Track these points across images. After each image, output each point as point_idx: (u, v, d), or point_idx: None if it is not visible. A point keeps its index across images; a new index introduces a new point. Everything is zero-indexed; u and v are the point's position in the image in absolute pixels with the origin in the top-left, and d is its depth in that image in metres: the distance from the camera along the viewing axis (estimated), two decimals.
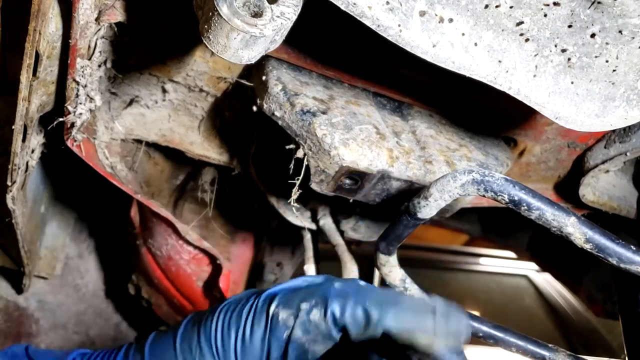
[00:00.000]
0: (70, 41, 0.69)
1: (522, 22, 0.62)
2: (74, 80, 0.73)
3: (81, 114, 0.76)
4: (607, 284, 1.46)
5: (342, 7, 0.57)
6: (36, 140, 0.86)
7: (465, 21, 0.61)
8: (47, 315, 1.38)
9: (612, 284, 1.36)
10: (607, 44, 0.64)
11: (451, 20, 0.61)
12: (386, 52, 0.77)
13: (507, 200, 0.65)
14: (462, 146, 0.85)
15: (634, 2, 0.59)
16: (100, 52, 0.74)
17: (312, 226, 1.00)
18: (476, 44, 0.63)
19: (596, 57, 0.65)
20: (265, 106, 0.75)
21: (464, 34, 0.62)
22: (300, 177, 0.76)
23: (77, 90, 0.74)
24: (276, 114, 0.74)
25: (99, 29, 0.71)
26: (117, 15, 0.69)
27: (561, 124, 0.69)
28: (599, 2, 0.60)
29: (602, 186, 1.05)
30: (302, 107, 0.72)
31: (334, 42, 0.79)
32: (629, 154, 0.92)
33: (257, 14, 0.55)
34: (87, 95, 0.75)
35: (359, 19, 0.58)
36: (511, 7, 0.60)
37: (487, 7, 0.60)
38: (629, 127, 0.91)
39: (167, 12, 0.72)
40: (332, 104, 0.76)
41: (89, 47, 0.72)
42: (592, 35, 0.63)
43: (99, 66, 0.76)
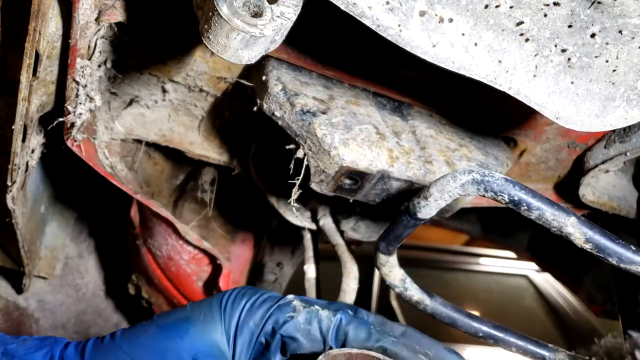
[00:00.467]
0: (70, 41, 0.69)
1: (522, 22, 0.62)
2: (74, 80, 0.73)
3: (81, 114, 0.76)
4: (606, 284, 1.46)
5: (342, 7, 0.57)
6: (36, 140, 0.86)
7: (465, 21, 0.61)
8: (47, 315, 1.38)
9: (612, 284, 1.36)
10: (607, 44, 0.64)
11: (451, 20, 0.61)
12: (386, 52, 0.77)
13: (507, 200, 0.65)
14: (462, 146, 0.85)
15: (634, 2, 0.59)
16: (100, 52, 0.74)
17: (312, 226, 1.00)
18: (476, 44, 0.63)
19: (596, 57, 0.65)
20: (265, 106, 0.75)
21: (464, 34, 0.62)
22: (300, 177, 0.76)
23: (77, 90, 0.74)
24: (276, 114, 0.74)
25: (99, 29, 0.71)
26: (117, 15, 0.69)
27: (561, 124, 0.69)
28: (599, 2, 0.60)
29: (602, 186, 1.05)
30: (302, 107, 0.72)
31: (334, 42, 0.79)
32: (629, 154, 0.92)
33: (257, 14, 0.55)
34: (87, 95, 0.75)
35: (359, 19, 0.58)
36: (511, 7, 0.60)
37: (487, 7, 0.60)
38: (629, 127, 0.91)
39: (167, 12, 0.72)
40: (332, 104, 0.76)
41: (89, 47, 0.72)
42: (592, 35, 0.63)
43: (99, 66, 0.75)
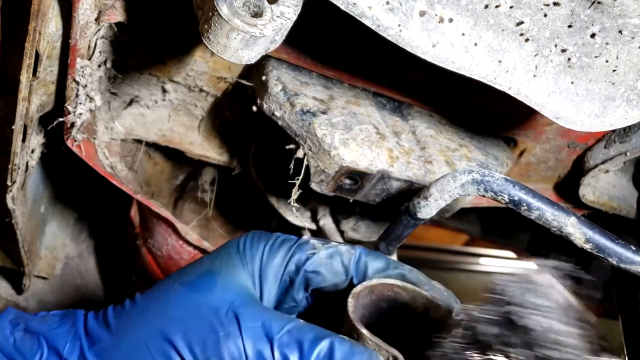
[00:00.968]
0: (70, 41, 0.68)
1: (522, 22, 0.62)
2: (74, 80, 0.73)
3: (81, 114, 0.76)
4: (606, 284, 1.46)
5: (342, 7, 0.57)
6: (36, 140, 0.86)
7: (465, 21, 0.61)
8: None
9: (612, 284, 1.36)
10: (607, 44, 0.64)
11: (451, 20, 0.61)
12: (386, 52, 0.77)
13: (507, 200, 0.65)
14: (462, 146, 0.85)
15: (633, 2, 0.60)
16: (100, 52, 0.74)
17: (312, 226, 1.00)
18: (476, 44, 0.63)
19: (596, 57, 0.65)
20: (265, 106, 0.75)
21: (464, 34, 0.62)
22: (300, 177, 0.76)
23: (77, 90, 0.74)
24: (276, 114, 0.74)
25: (99, 29, 0.71)
26: (117, 15, 0.69)
27: (561, 124, 0.69)
28: (599, 2, 0.60)
29: (602, 186, 1.05)
30: (302, 107, 0.72)
31: (334, 42, 0.79)
32: (629, 154, 0.92)
33: (257, 14, 0.55)
34: (87, 95, 0.75)
35: (359, 19, 0.58)
36: (511, 7, 0.60)
37: (487, 7, 0.60)
38: (629, 127, 0.91)
39: (167, 12, 0.72)
40: (332, 104, 0.76)
41: (89, 47, 0.72)
42: (592, 35, 0.63)
43: (99, 66, 0.75)
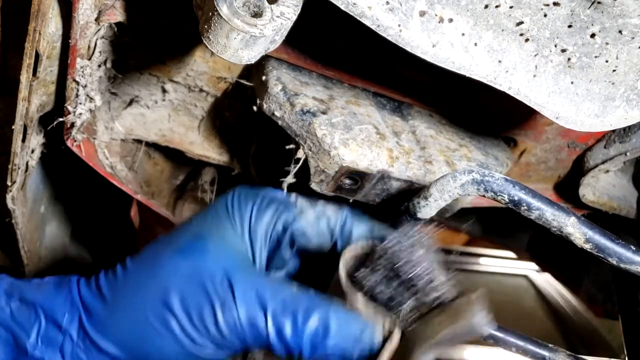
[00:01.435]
0: (70, 41, 0.69)
1: (522, 22, 0.62)
2: (74, 80, 0.73)
3: (81, 114, 0.76)
4: (606, 284, 1.46)
5: (342, 7, 0.57)
6: (36, 140, 0.86)
7: (465, 21, 0.61)
8: None
9: (612, 284, 1.36)
10: (607, 44, 0.64)
11: (451, 20, 0.61)
12: (386, 52, 0.77)
13: (507, 200, 0.65)
14: (462, 146, 0.85)
15: (633, 2, 0.60)
16: (100, 52, 0.74)
17: None
18: (476, 44, 0.63)
19: (596, 57, 0.65)
20: (265, 106, 0.75)
21: (463, 34, 0.62)
22: (292, 172, 0.76)
23: (77, 90, 0.74)
24: (276, 114, 0.74)
25: (99, 29, 0.71)
26: (117, 15, 0.69)
27: (561, 124, 0.69)
28: (599, 2, 0.60)
29: (602, 186, 1.05)
30: (302, 107, 0.72)
31: (334, 42, 0.79)
32: (628, 154, 0.92)
33: (257, 14, 0.55)
34: (87, 95, 0.75)
35: (359, 19, 0.58)
36: (511, 7, 0.60)
37: (487, 7, 0.60)
38: (629, 127, 0.91)
39: (167, 12, 0.72)
40: (332, 104, 0.76)
41: (89, 47, 0.72)
42: (592, 35, 0.63)
43: (99, 66, 0.75)
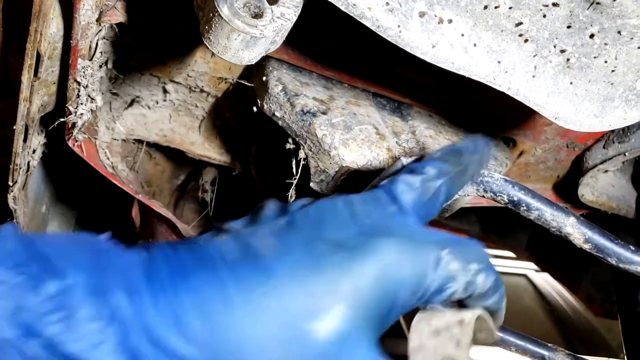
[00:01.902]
0: (71, 42, 0.69)
1: (521, 23, 0.62)
2: (75, 80, 0.73)
3: (82, 114, 0.76)
4: (606, 283, 1.47)
5: (342, 8, 0.57)
6: (37, 140, 0.86)
7: (464, 22, 0.62)
8: None
9: (611, 283, 1.36)
10: (606, 44, 0.64)
11: (450, 21, 0.61)
12: (386, 53, 0.77)
13: (507, 200, 0.65)
14: None
15: (632, 2, 0.60)
16: (101, 52, 0.74)
17: None
18: (475, 45, 0.63)
19: (595, 57, 0.66)
20: (265, 107, 0.75)
21: (463, 35, 0.62)
22: (296, 177, 0.76)
23: (78, 90, 0.74)
24: (276, 114, 0.74)
25: (100, 30, 0.71)
26: (118, 16, 0.69)
27: (560, 124, 0.69)
28: (598, 3, 0.60)
29: (601, 186, 1.05)
30: (302, 107, 0.72)
31: (334, 43, 0.80)
32: (627, 154, 0.92)
33: (257, 15, 0.55)
34: (88, 95, 0.75)
35: (358, 19, 0.58)
36: (510, 8, 0.61)
37: (486, 7, 0.61)
38: (628, 127, 0.91)
39: (167, 13, 0.72)
40: (332, 105, 0.76)
41: (90, 47, 0.72)
42: (591, 35, 0.63)
43: (100, 67, 0.76)
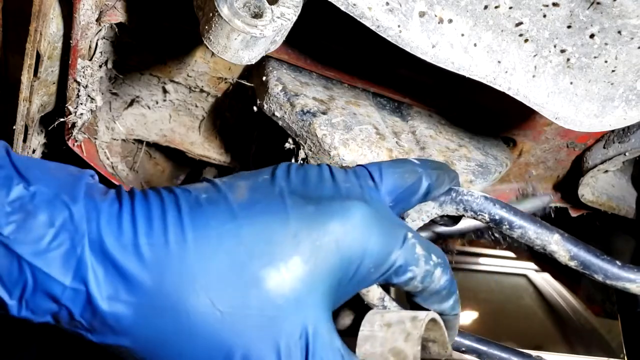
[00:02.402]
0: (71, 42, 0.69)
1: (521, 23, 0.62)
2: (75, 80, 0.73)
3: (82, 114, 0.76)
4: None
5: (342, 8, 0.57)
6: (37, 140, 0.86)
7: (464, 22, 0.62)
8: None
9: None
10: (606, 44, 0.64)
11: (450, 21, 0.61)
12: (386, 53, 0.77)
13: (488, 219, 0.64)
14: (462, 146, 0.85)
15: (632, 2, 0.60)
16: (101, 52, 0.74)
17: None
18: (475, 45, 0.63)
19: (595, 57, 0.66)
20: (265, 106, 0.75)
21: (463, 35, 0.62)
22: None
23: (78, 90, 0.74)
24: (276, 114, 0.74)
25: (100, 30, 0.71)
26: (118, 15, 0.69)
27: (560, 124, 0.69)
28: (598, 3, 0.60)
29: (601, 186, 1.05)
30: (302, 107, 0.72)
31: (334, 43, 0.80)
32: (627, 154, 0.92)
33: (257, 15, 0.55)
34: (88, 95, 0.75)
35: (359, 19, 0.58)
36: (510, 8, 0.61)
37: (486, 7, 0.61)
38: (628, 127, 0.91)
39: (167, 13, 0.72)
40: (332, 105, 0.76)
41: (90, 47, 0.72)
42: (591, 35, 0.63)
43: (100, 67, 0.76)
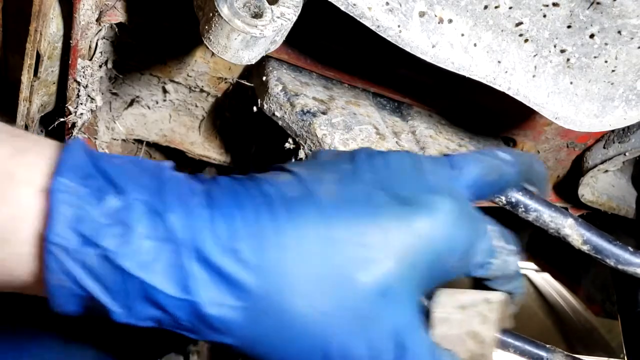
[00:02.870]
0: (71, 42, 0.69)
1: (521, 23, 0.62)
2: (75, 80, 0.73)
3: (82, 114, 0.76)
4: (606, 283, 1.47)
5: (342, 8, 0.57)
6: None
7: (464, 22, 0.62)
8: None
9: (611, 284, 1.36)
10: (606, 44, 0.64)
11: (450, 20, 0.61)
12: (386, 53, 0.77)
13: (504, 202, 0.65)
14: (462, 146, 0.85)
15: (633, 2, 0.60)
16: (101, 52, 0.74)
17: None
18: (475, 45, 0.63)
19: (595, 57, 0.66)
20: (265, 106, 0.75)
21: (463, 35, 0.62)
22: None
23: (78, 90, 0.74)
24: (276, 114, 0.74)
25: (100, 30, 0.71)
26: (118, 15, 0.69)
27: (560, 124, 0.69)
28: (598, 3, 0.60)
29: (601, 186, 1.05)
30: (302, 107, 0.72)
31: (334, 43, 0.80)
32: (628, 154, 0.92)
33: (257, 15, 0.55)
34: (88, 95, 0.75)
35: (358, 19, 0.58)
36: (510, 8, 0.61)
37: (486, 7, 0.61)
38: (628, 127, 0.91)
39: (167, 13, 0.72)
40: (332, 105, 0.76)
41: (90, 47, 0.72)
42: (591, 35, 0.63)
43: (100, 67, 0.76)
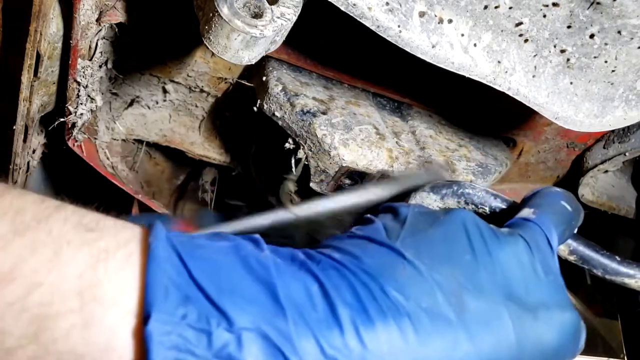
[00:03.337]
0: (71, 42, 0.69)
1: (521, 23, 0.62)
2: (75, 80, 0.73)
3: (82, 114, 0.76)
4: (606, 283, 1.46)
5: (342, 8, 0.57)
6: (37, 140, 0.86)
7: (464, 22, 0.62)
8: None
9: (611, 284, 1.36)
10: (606, 44, 0.64)
11: (450, 21, 0.61)
12: (386, 53, 0.77)
13: (489, 212, 0.64)
14: (462, 146, 0.85)
15: (632, 2, 0.60)
16: (101, 52, 0.74)
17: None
18: (475, 45, 0.63)
19: (595, 57, 0.66)
20: (265, 106, 0.75)
21: (463, 35, 0.62)
22: (297, 171, 0.76)
23: (78, 90, 0.74)
24: (276, 114, 0.74)
25: (100, 30, 0.71)
26: (118, 16, 0.69)
27: (560, 124, 0.69)
28: (598, 3, 0.60)
29: (601, 186, 1.05)
30: (302, 107, 0.72)
31: (334, 43, 0.80)
32: (627, 154, 0.92)
33: (257, 15, 0.55)
34: (88, 95, 0.75)
35: (358, 19, 0.58)
36: (510, 8, 0.61)
37: (486, 7, 0.61)
38: (628, 127, 0.91)
39: (167, 13, 0.72)
40: (332, 105, 0.76)
41: (90, 47, 0.72)
42: (591, 35, 0.63)
43: (100, 67, 0.76)
